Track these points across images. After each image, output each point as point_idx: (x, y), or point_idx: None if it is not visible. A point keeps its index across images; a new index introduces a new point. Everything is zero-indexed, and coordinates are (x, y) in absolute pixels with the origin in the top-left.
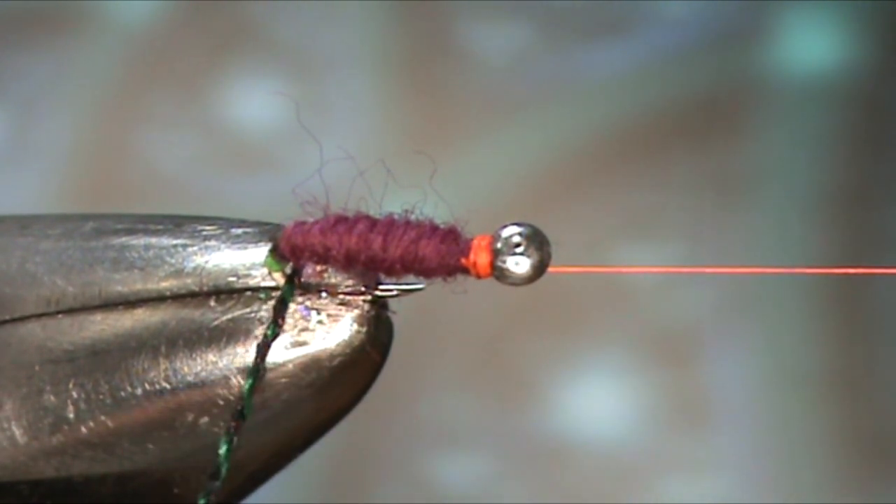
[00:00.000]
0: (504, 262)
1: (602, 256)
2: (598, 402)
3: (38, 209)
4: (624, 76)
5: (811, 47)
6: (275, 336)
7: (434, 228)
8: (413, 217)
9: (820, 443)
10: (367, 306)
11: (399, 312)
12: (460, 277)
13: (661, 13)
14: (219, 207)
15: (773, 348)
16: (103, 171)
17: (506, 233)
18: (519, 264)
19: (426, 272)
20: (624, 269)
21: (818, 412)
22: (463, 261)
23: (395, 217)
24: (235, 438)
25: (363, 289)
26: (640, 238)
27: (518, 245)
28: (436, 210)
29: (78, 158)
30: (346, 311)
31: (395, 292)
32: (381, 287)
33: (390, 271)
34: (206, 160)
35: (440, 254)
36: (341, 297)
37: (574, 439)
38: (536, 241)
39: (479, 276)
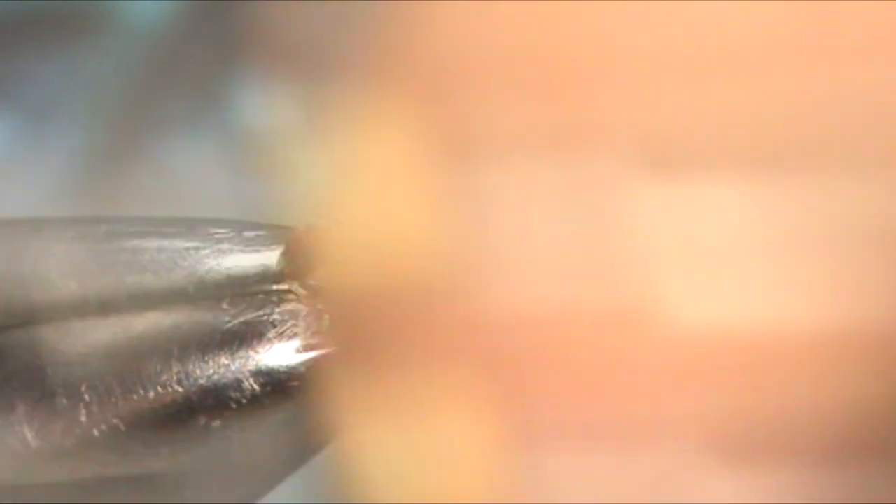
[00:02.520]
0: None
1: None
2: None
3: (51, 213)
4: None
5: None
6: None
7: None
8: None
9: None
10: None
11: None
12: None
13: None
14: (233, 211)
15: None
16: (114, 176)
17: None
18: None
19: None
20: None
21: None
22: None
23: None
24: None
25: None
26: None
27: None
28: None
29: (91, 162)
30: None
31: None
32: None
33: None
34: (220, 164)
35: None
36: None
37: None
38: None
39: None
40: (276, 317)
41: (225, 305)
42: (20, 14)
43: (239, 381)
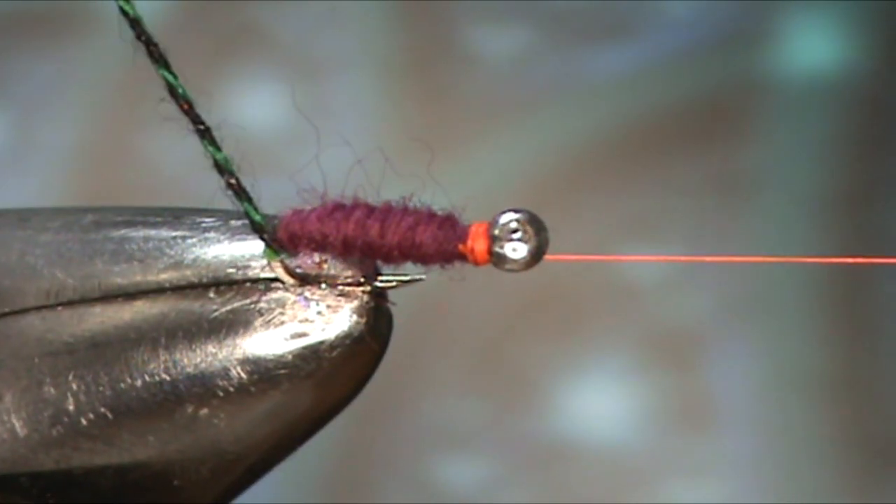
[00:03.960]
0: (501, 247)
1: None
2: (601, 404)
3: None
4: (626, 78)
5: (813, 49)
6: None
7: (431, 215)
8: (411, 205)
9: (823, 445)
10: (366, 297)
11: (403, 314)
12: (459, 265)
13: (664, 15)
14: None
15: (776, 350)
16: (106, 173)
17: (503, 219)
18: (516, 250)
19: (423, 259)
20: (622, 258)
21: (821, 414)
22: (460, 247)
23: (393, 204)
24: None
25: (362, 279)
26: (641, 240)
27: (515, 231)
28: (436, 207)
29: (81, 160)
30: (346, 301)
31: (394, 283)
32: (380, 278)
33: (388, 258)
34: (208, 162)
35: (437, 240)
36: (340, 287)
37: (577, 441)
38: (534, 226)
39: (476, 263)
40: (262, 305)
41: (212, 294)
42: (12, 13)
43: (226, 370)
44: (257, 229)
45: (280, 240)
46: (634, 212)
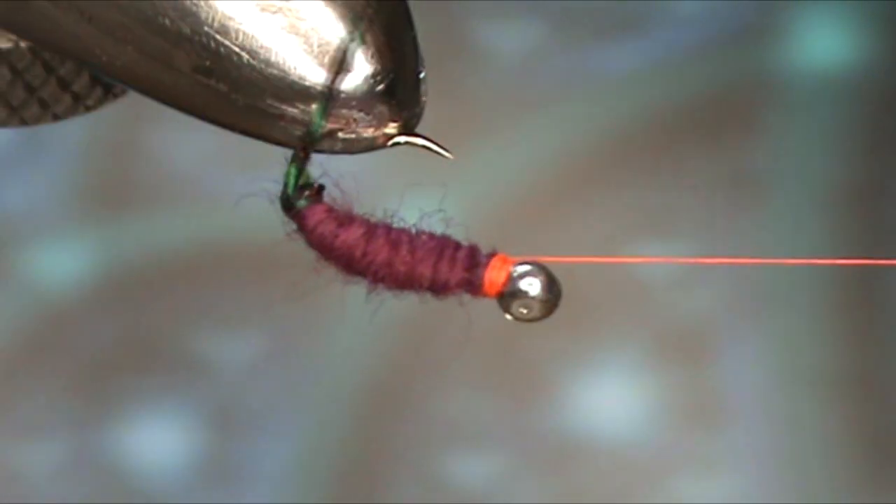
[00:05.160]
0: (512, 308)
1: (614, 254)
2: (612, 401)
3: (50, 208)
4: (637, 74)
5: (825, 45)
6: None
7: (456, 251)
8: (429, 226)
9: (834, 442)
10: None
11: (414, 309)
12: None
13: (675, 11)
14: (232, 206)
15: (788, 347)
16: (116, 170)
17: (520, 269)
18: (527, 309)
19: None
20: (629, 260)
21: (833, 411)
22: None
23: (414, 238)
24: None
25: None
26: (652, 236)
27: (532, 298)
28: (447, 204)
29: (90, 157)
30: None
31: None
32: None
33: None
34: (219, 159)
35: (459, 285)
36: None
37: (588, 438)
38: (552, 298)
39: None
40: None
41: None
42: None
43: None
44: (283, 201)
45: (299, 229)
46: (646, 208)
